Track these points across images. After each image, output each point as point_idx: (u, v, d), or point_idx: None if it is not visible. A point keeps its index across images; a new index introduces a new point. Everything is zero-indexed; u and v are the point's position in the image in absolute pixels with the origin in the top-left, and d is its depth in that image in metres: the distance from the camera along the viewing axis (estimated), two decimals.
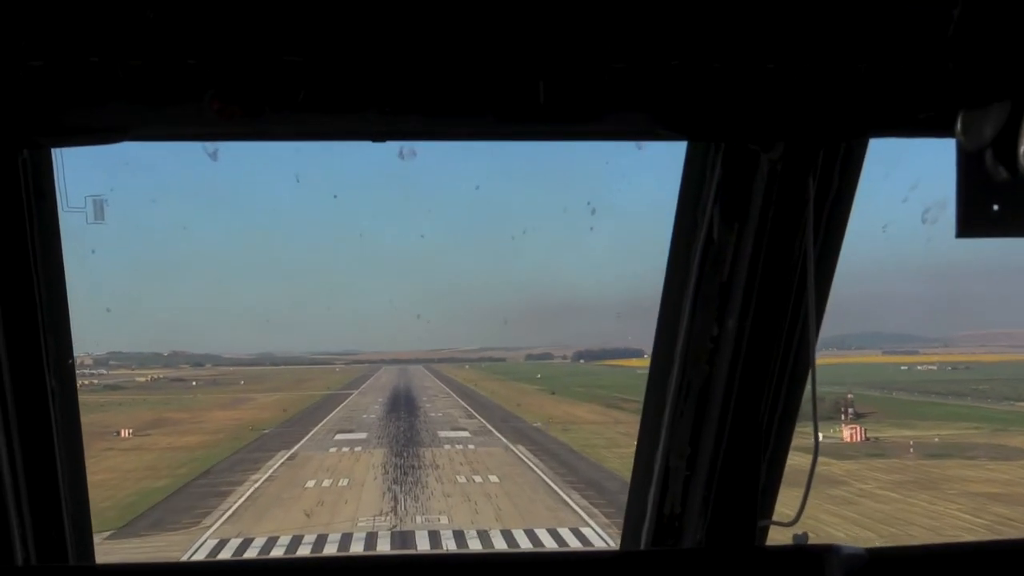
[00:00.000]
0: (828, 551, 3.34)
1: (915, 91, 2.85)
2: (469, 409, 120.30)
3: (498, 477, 66.77)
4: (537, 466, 71.84)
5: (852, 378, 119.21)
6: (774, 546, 3.56)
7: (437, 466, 72.33)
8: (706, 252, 3.35)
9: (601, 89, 2.81)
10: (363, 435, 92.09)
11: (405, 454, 79.23)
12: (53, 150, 3.11)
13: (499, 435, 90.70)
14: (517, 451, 79.87)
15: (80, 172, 3.23)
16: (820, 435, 3.47)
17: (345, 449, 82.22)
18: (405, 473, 69.25)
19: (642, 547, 3.74)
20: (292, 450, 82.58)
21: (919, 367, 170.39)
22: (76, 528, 3.57)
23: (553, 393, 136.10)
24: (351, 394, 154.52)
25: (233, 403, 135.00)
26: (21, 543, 3.37)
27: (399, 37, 2.70)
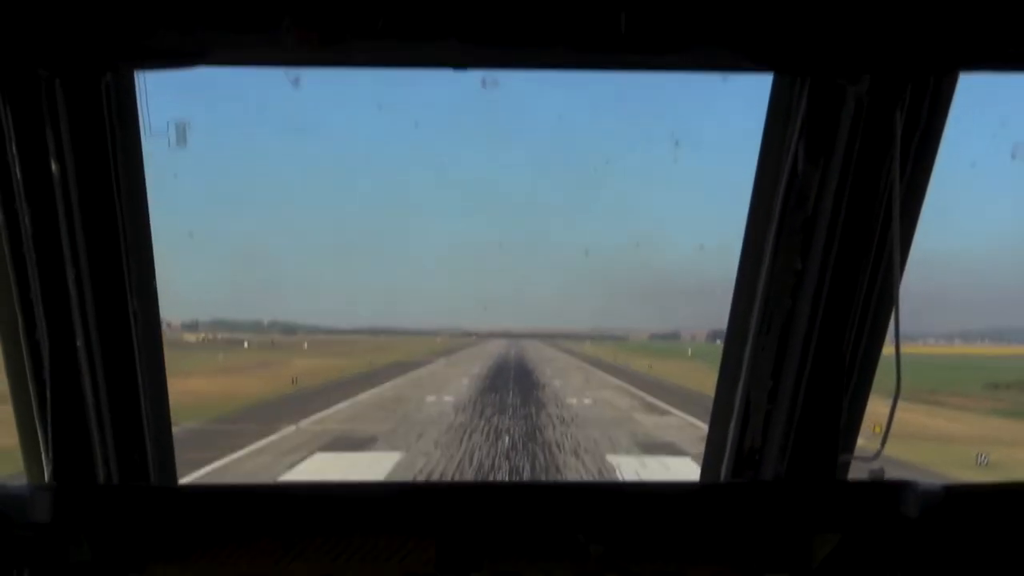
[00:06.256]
0: (904, 486, 3.23)
1: (1006, 25, 2.73)
2: (639, 393, 57.53)
3: None
4: None
5: None
6: (850, 480, 3.42)
7: None
8: (790, 186, 3.22)
9: (684, 21, 2.71)
10: (392, 459, 29.01)
11: None
12: (136, 75, 3.04)
13: None
14: None
15: (164, 97, 3.06)
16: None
17: None
18: None
19: (721, 480, 3.61)
20: None
21: None
22: (158, 448, 3.46)
23: None
24: (433, 362, 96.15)
25: (243, 369, 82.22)
26: (103, 462, 3.30)
27: None
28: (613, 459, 30.77)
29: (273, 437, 35.26)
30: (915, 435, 39.09)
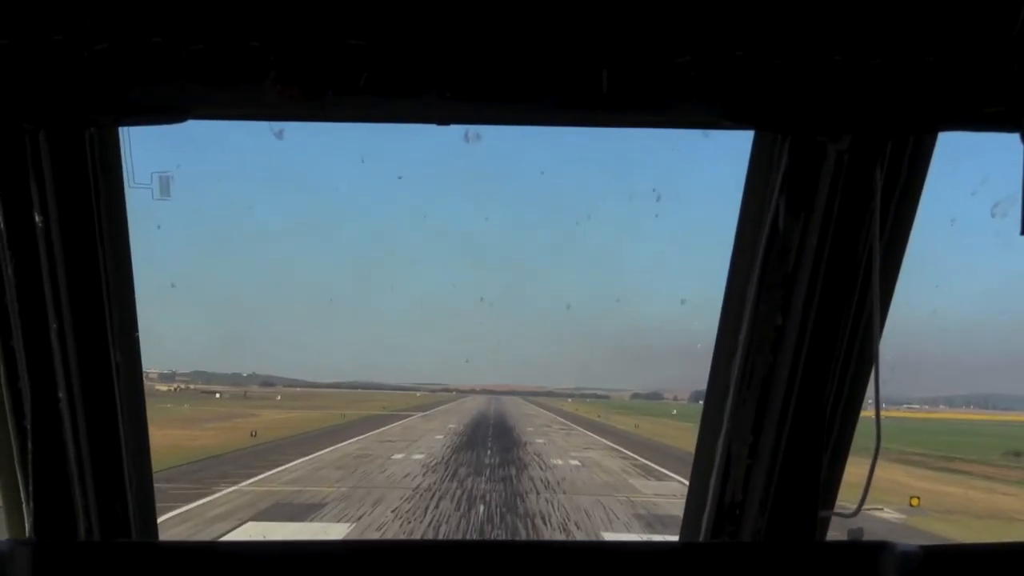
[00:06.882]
0: (882, 548, 3.20)
1: (984, 85, 2.78)
2: (630, 454, 52.77)
3: None
4: None
5: None
6: (829, 541, 3.35)
7: None
8: (771, 242, 3.18)
9: (665, 80, 2.74)
10: (336, 534, 22.94)
11: None
12: (120, 128, 3.02)
13: None
14: None
15: (148, 149, 3.19)
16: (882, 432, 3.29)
17: None
18: None
19: (701, 536, 3.52)
20: None
21: None
22: (139, 504, 3.37)
23: None
24: (410, 417, 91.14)
25: (204, 420, 75.33)
26: (84, 517, 3.24)
27: (461, 22, 2.66)
28: (611, 538, 24.99)
29: (202, 500, 29.35)
30: (963, 511, 33.39)
